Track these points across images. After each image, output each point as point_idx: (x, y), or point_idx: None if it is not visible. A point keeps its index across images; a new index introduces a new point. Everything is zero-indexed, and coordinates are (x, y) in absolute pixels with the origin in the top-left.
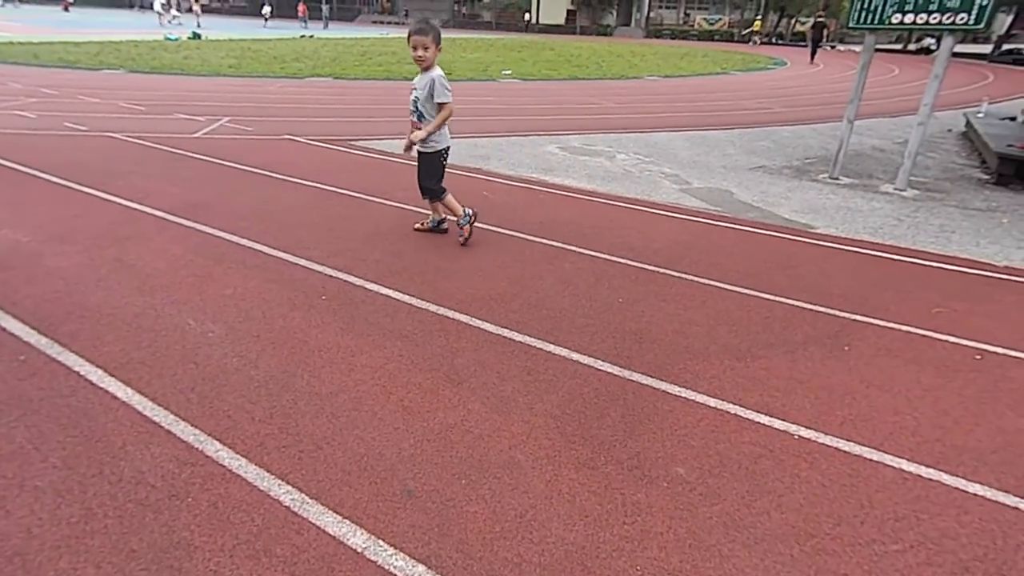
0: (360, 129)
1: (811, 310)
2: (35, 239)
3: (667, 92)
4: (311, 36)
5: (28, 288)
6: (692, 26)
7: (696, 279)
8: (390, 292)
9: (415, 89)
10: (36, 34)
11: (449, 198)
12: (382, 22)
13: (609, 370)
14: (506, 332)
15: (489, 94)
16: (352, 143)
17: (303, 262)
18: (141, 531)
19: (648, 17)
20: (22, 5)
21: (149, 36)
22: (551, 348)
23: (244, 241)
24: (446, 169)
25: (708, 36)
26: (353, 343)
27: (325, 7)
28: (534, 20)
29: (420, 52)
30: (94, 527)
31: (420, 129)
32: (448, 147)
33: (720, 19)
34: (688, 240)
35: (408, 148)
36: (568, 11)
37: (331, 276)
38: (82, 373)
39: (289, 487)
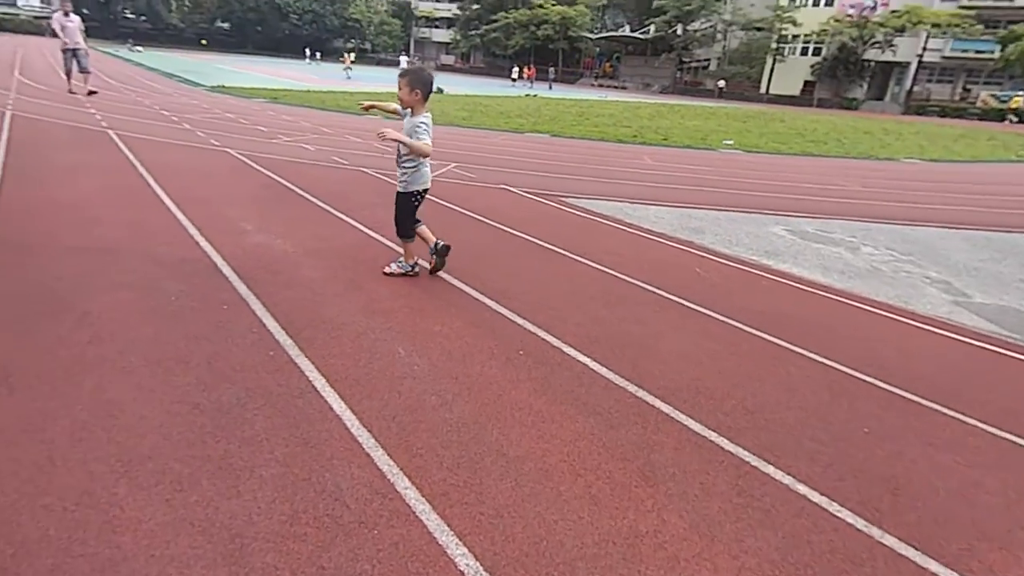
0: (570, 186)
1: None
2: (297, 251)
3: (935, 179)
4: (535, 95)
5: (286, 292)
6: (973, 103)
7: (984, 428)
8: (588, 361)
9: (405, 125)
10: (325, 85)
11: (410, 246)
12: (602, 85)
13: (851, 521)
14: (714, 436)
15: (706, 164)
16: (562, 199)
17: (506, 312)
18: (331, 550)
19: (911, 91)
20: (322, 63)
21: None
22: (769, 470)
23: (455, 281)
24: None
25: (997, 116)
26: (545, 408)
27: (551, 70)
28: (765, 90)
29: (399, 93)
30: (297, 531)
31: (400, 167)
32: (424, 189)
33: (1018, 95)
34: (968, 369)
35: (379, 136)
36: (805, 82)
37: (531, 332)
38: (311, 378)
39: (466, 551)
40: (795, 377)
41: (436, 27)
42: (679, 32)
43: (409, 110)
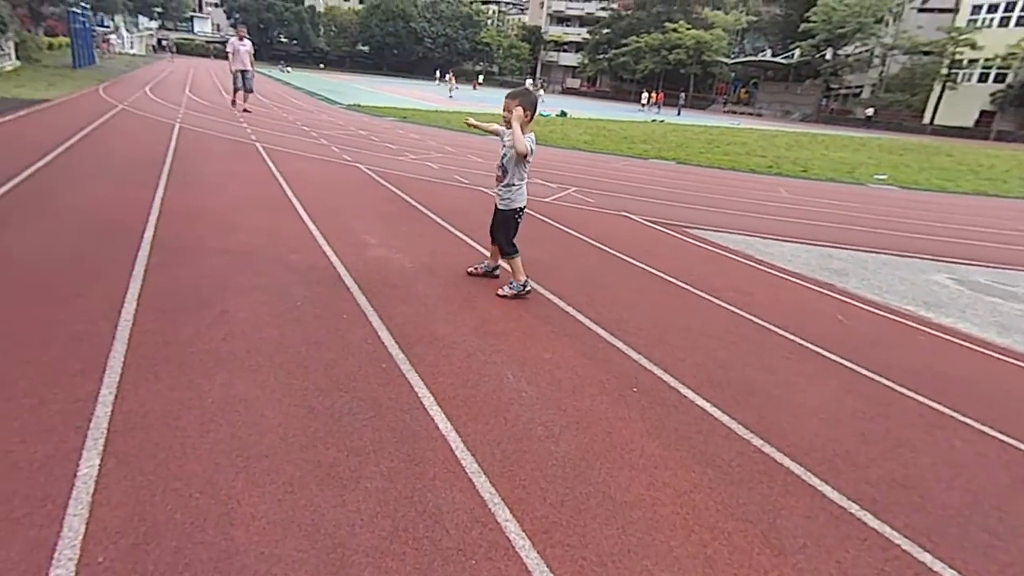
0: (696, 216)
1: None
2: (415, 266)
3: None
4: (662, 121)
5: (402, 307)
6: None
7: None
8: (707, 406)
9: (503, 147)
10: (452, 106)
11: (517, 261)
12: (735, 112)
13: None
14: (855, 508)
15: (853, 200)
16: (685, 229)
17: (620, 344)
18: (428, 574)
19: None
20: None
21: None
22: (926, 559)
23: (569, 308)
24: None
25: None
26: (658, 452)
27: (681, 95)
28: (929, 120)
29: (505, 114)
30: (396, 549)
31: (502, 187)
32: (523, 207)
33: None
34: None
35: (468, 123)
36: (982, 112)
37: (645, 368)
38: (419, 394)
39: None
40: (961, 452)
41: (564, 51)
42: (828, 57)
43: (509, 130)
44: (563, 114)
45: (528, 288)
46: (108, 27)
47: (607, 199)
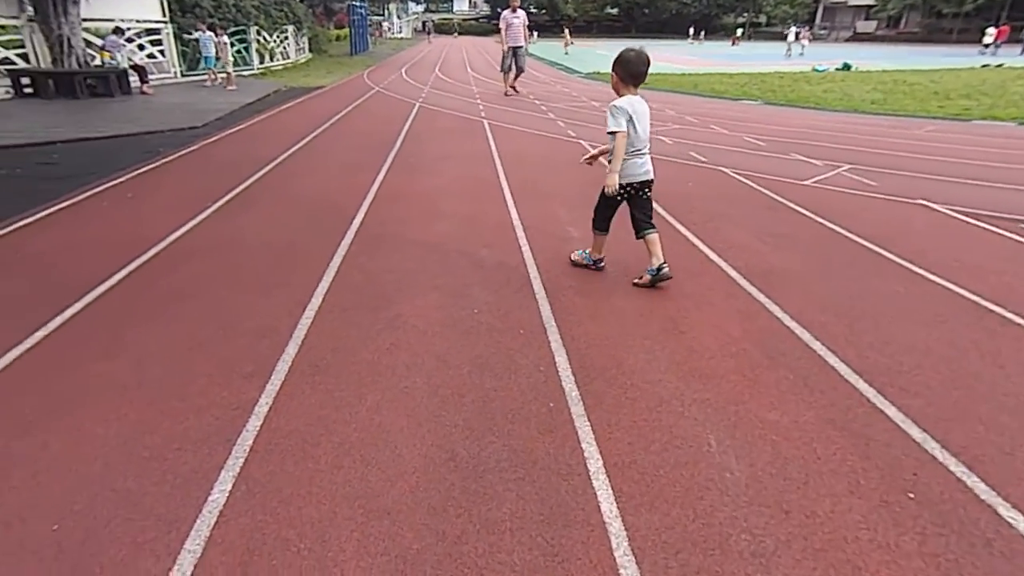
0: None
1: None
2: (616, 271)
3: None
4: (999, 65)
5: (589, 324)
6: None
7: None
8: None
9: None
10: (703, 67)
11: (653, 236)
12: None
13: None
14: None
15: None
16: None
17: (892, 410)
18: None
19: None
20: (704, 42)
21: (797, 67)
22: None
23: (815, 344)
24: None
25: None
26: None
27: None
28: None
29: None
30: None
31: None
32: (630, 184)
33: None
34: None
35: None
36: None
37: (935, 460)
38: (585, 454)
39: None
40: None
41: None
42: None
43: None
44: (846, 67)
45: (601, 265)
46: (382, 15)
47: (897, 180)
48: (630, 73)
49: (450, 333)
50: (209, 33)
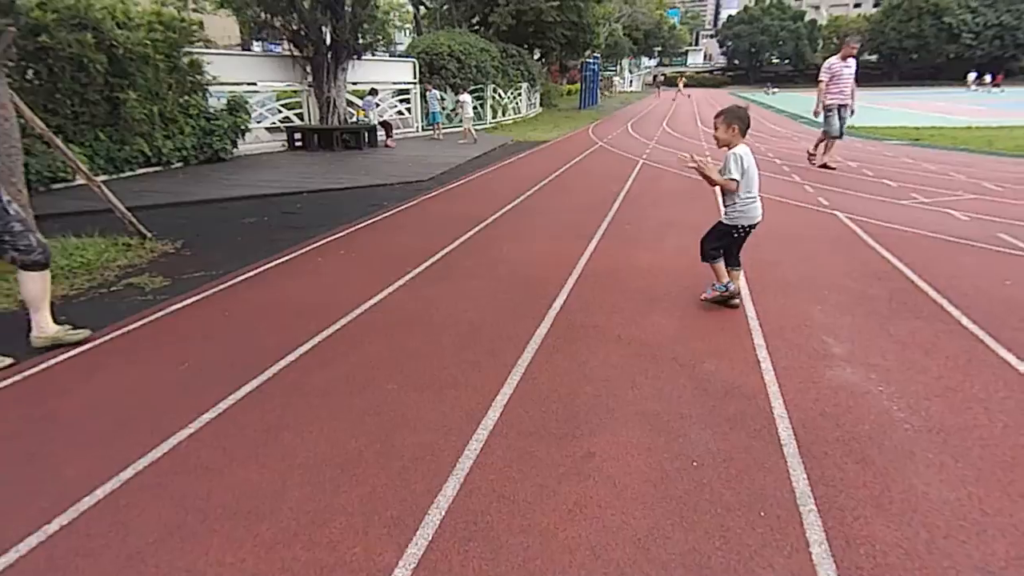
0: None
1: None
2: (907, 414)
3: None
4: None
5: (872, 511)
6: None
7: None
8: None
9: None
10: (995, 119)
11: (719, 265)
12: None
13: None
14: None
15: None
16: None
17: None
18: None
19: None
20: (992, 89)
21: None
22: None
23: None
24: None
25: None
26: None
27: None
28: None
29: (713, 132)
30: None
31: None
32: (742, 225)
33: None
34: None
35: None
36: None
37: None
38: None
39: None
40: None
41: None
42: None
43: (725, 148)
44: None
45: (732, 289)
46: (614, 70)
47: None
48: (747, 126)
49: (656, 498)
50: (436, 91)
